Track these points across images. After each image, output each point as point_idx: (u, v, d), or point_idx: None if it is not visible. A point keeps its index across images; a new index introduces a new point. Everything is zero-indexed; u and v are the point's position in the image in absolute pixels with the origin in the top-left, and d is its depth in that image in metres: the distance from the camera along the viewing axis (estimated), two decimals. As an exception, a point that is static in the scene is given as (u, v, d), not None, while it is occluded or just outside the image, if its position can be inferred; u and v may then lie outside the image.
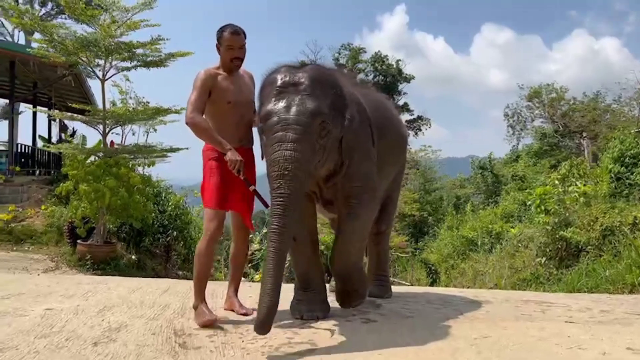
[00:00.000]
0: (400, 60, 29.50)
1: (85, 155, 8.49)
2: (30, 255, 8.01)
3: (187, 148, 9.16)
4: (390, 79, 28.80)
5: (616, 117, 20.08)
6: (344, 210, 2.98)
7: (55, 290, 3.72)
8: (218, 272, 9.84)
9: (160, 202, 10.15)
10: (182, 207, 10.56)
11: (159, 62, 8.75)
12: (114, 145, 9.44)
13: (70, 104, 9.53)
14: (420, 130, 30.14)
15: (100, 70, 8.69)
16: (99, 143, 9.52)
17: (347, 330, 2.73)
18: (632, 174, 9.84)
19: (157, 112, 8.86)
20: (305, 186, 2.65)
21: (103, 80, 8.58)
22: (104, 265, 7.73)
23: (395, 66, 28.99)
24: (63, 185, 8.11)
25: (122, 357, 2.27)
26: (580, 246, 8.30)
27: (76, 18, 8.74)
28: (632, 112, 19.95)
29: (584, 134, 20.47)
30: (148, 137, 10.37)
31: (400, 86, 29.52)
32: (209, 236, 2.87)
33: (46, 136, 15.28)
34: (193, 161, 3.60)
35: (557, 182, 9.83)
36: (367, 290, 3.33)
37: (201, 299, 2.86)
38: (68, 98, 12.83)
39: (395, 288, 4.37)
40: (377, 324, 2.89)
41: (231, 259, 3.21)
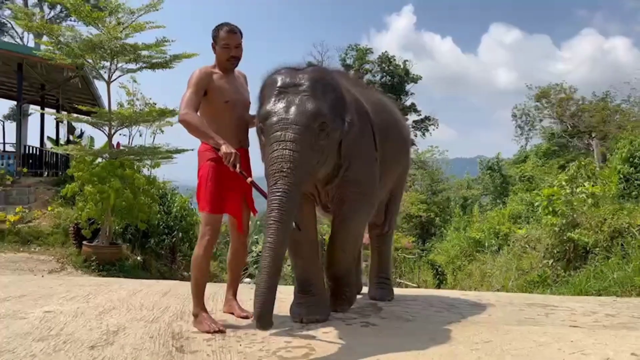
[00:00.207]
0: (407, 60, 29.60)
1: (93, 156, 8.54)
2: (37, 256, 8.07)
3: (193, 149, 9.16)
4: (398, 79, 28.78)
5: (625, 117, 19.87)
6: (338, 214, 2.97)
7: (57, 292, 3.71)
8: (224, 273, 9.85)
9: (166, 203, 10.20)
10: (188, 208, 10.61)
11: (164, 64, 8.81)
12: (120, 147, 9.49)
13: (78, 105, 9.59)
14: (428, 130, 30.13)
15: (105, 72, 8.76)
16: (106, 144, 9.57)
17: (347, 334, 2.70)
18: (641, 175, 9.70)
19: (162, 114, 8.90)
20: (303, 186, 2.62)
21: (109, 82, 8.64)
22: (109, 266, 7.78)
23: (402, 66, 28.97)
24: (68, 186, 8.16)
25: (118, 360, 2.25)
26: (588, 248, 8.18)
27: (82, 20, 8.80)
28: (642, 112, 19.82)
29: (592, 134, 20.28)
30: (155, 138, 10.44)
31: (408, 86, 29.52)
32: (205, 241, 2.79)
33: (54, 137, 15.41)
34: (199, 163, 3.56)
35: (564, 184, 9.72)
36: (355, 296, 3.36)
37: (201, 306, 2.80)
38: (76, 100, 12.96)
39: (398, 290, 4.34)
40: (377, 328, 2.85)
41: (229, 262, 3.13)
